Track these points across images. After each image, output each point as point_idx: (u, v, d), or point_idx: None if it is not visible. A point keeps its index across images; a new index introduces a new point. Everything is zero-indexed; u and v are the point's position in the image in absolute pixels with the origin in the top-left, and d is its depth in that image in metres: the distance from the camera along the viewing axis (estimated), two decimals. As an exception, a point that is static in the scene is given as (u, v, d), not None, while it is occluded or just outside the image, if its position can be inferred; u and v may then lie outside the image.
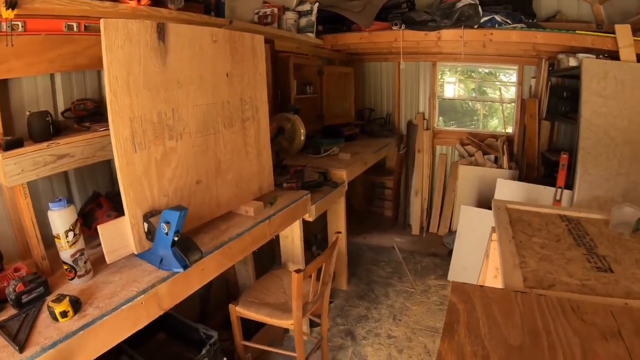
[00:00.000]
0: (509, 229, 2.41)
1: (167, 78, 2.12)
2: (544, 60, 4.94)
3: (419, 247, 5.32)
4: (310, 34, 4.28)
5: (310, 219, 3.21)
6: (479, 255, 4.13)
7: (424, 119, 5.76)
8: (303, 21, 4.22)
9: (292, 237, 3.19)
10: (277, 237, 3.15)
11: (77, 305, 1.71)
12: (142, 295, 1.86)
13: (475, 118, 6.20)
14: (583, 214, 2.83)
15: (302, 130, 3.82)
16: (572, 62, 4.03)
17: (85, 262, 1.94)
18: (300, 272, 2.41)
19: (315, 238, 4.47)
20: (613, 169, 3.50)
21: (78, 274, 1.91)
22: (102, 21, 1.80)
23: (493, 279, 2.69)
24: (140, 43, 1.96)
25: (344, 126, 5.03)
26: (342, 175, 3.70)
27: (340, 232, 3.02)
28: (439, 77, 5.80)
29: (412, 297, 4.17)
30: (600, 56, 3.84)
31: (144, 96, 2.01)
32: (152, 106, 2.06)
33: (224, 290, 3.50)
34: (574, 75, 4.02)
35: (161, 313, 1.97)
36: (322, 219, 3.61)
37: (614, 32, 3.70)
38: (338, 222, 4.03)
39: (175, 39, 2.13)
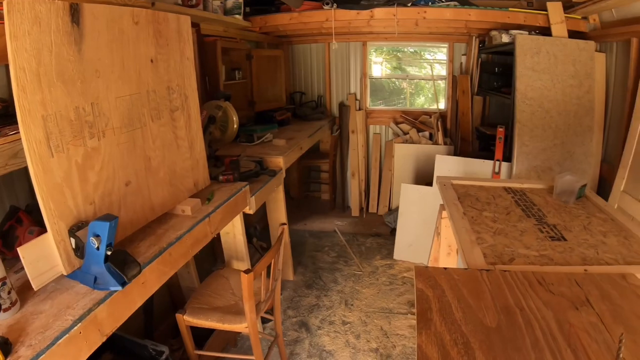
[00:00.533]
0: (458, 205, 2.39)
1: (83, 67, 1.82)
2: (474, 37, 5.01)
3: (361, 229, 5.28)
4: (237, 16, 4.05)
5: (251, 212, 3.02)
6: (422, 232, 4.21)
7: (356, 99, 5.72)
8: (229, 2, 3.96)
9: (234, 233, 2.99)
10: (218, 234, 2.95)
11: (6, 347, 1.38)
12: (79, 324, 1.55)
13: (402, 97, 6.24)
14: (527, 185, 2.87)
15: (235, 118, 3.64)
16: (505, 39, 4.11)
17: (9, 293, 1.57)
18: (250, 272, 2.24)
19: (255, 229, 4.30)
20: (549, 140, 3.60)
21: (3, 307, 1.57)
22: (5, 3, 1.53)
23: (446, 257, 2.67)
24: (51, 27, 1.65)
25: (275, 111, 4.84)
26: (279, 162, 3.54)
27: (285, 224, 2.88)
28: (369, 57, 5.78)
29: (361, 279, 4.14)
30: (532, 32, 3.94)
31: (58, 90, 1.70)
32: (69, 101, 1.75)
33: (167, 296, 3.28)
34: (506, 51, 4.11)
35: (104, 340, 1.68)
36: (260, 209, 3.45)
37: (545, 10, 3.80)
38: (278, 212, 3.89)
39: (91, 21, 1.85)
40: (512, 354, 1.21)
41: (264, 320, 3.27)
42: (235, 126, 3.66)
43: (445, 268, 1.63)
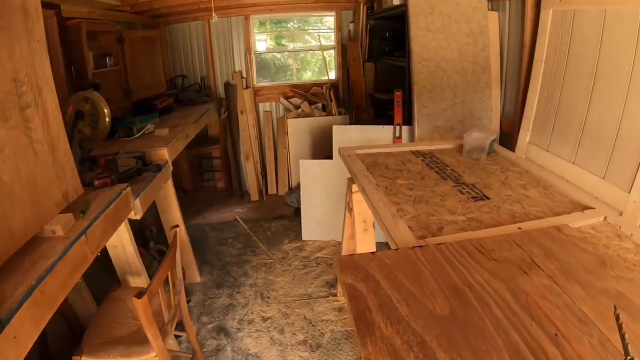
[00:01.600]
0: (369, 177, 2.20)
1: None
2: (362, 4, 4.87)
3: (263, 213, 4.99)
4: (104, -6, 3.53)
5: (138, 217, 2.56)
6: (329, 207, 4.02)
7: (242, 77, 5.37)
8: (94, -21, 3.44)
9: (122, 245, 2.52)
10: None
11: None
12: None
13: (289, 73, 6.03)
14: (435, 146, 2.79)
15: (106, 110, 3.10)
16: (396, 1, 3.95)
17: None
18: (143, 294, 1.82)
19: (151, 232, 3.86)
20: (449, 99, 3.54)
21: None
22: None
23: (363, 233, 2.49)
24: None
25: (156, 99, 4.35)
26: (164, 154, 3.11)
27: (177, 226, 2.47)
28: (253, 32, 5.43)
29: (273, 268, 3.85)
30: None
31: None
32: None
33: (63, 329, 2.75)
34: (396, 15, 3.98)
35: None
36: (152, 208, 3.03)
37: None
38: (171, 210, 3.44)
39: None
40: (477, 343, 1.03)
41: (178, 336, 2.88)
42: (107, 119, 3.12)
43: (373, 253, 1.40)
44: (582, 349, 1.02)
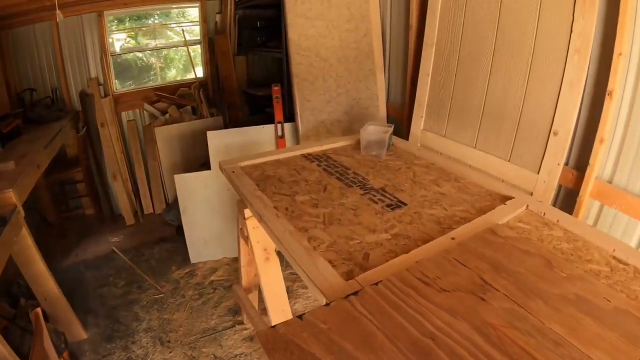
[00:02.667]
0: (262, 197, 1.88)
1: None
2: (229, -8, 4.51)
3: (143, 238, 4.40)
4: None
5: None
6: (215, 223, 3.68)
7: (99, 84, 4.68)
8: None
9: None
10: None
11: None
12: None
13: (152, 73, 5.45)
14: (327, 145, 2.55)
15: None
16: (267, -12, 3.68)
17: None
18: None
19: (19, 285, 3.18)
20: (332, 90, 3.33)
21: None
22: None
23: (265, 263, 2.13)
24: None
25: None
26: (10, 198, 2.45)
27: (39, 306, 1.96)
28: (109, 31, 4.78)
29: (165, 304, 3.33)
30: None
31: None
32: None
33: None
34: (270, 3, 3.74)
35: None
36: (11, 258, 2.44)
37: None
38: (33, 264, 2.76)
39: None
40: None
41: None
42: None
43: (301, 317, 1.08)
44: None
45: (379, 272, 1.29)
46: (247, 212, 2.08)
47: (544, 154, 2.21)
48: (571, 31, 2.04)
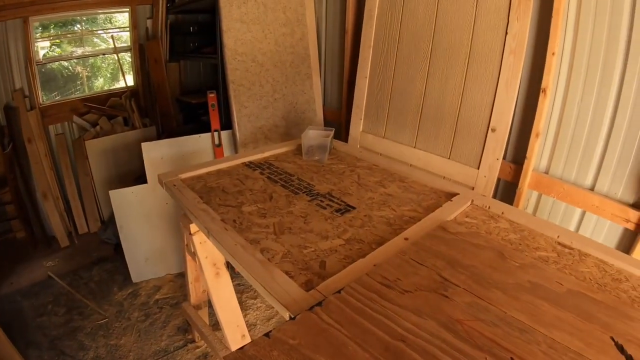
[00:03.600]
0: (208, 210, 1.80)
1: None
2: (160, -3, 4.36)
3: (79, 260, 4.13)
4: None
5: None
6: (155, 239, 3.56)
7: (25, 96, 4.38)
8: None
9: None
10: None
11: None
12: None
13: (79, 82, 5.13)
14: (267, 152, 2.52)
15: None
16: (201, -10, 3.59)
17: None
18: None
19: None
20: (269, 95, 3.28)
21: None
22: None
23: (216, 278, 2.06)
24: None
25: None
26: None
27: None
28: (35, 38, 4.47)
29: (111, 329, 3.11)
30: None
31: None
32: None
33: None
34: (203, 7, 3.69)
35: None
36: None
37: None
38: None
39: None
40: None
41: None
42: None
43: (267, 335, 1.03)
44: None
45: (339, 279, 1.27)
46: (193, 227, 2.00)
47: (482, 150, 2.30)
48: (506, 33, 2.14)
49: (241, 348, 0.98)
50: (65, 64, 5.01)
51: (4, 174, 4.16)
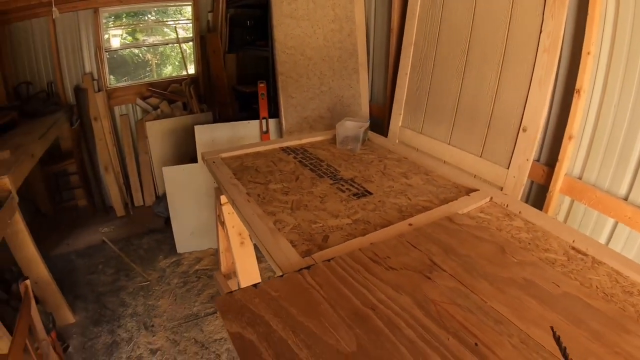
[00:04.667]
0: (238, 185, 1.96)
1: None
2: (221, -8, 4.59)
3: (132, 229, 4.52)
4: None
5: None
6: (201, 215, 3.77)
7: (93, 79, 4.77)
8: None
9: None
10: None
11: None
12: None
13: (148, 69, 5.54)
14: (305, 139, 2.63)
15: None
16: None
17: None
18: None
19: (12, 272, 3.26)
20: (316, 88, 3.42)
21: None
22: None
23: (240, 247, 2.23)
24: None
25: None
26: (5, 184, 2.57)
27: (27, 278, 2.06)
28: (105, 27, 4.86)
29: (151, 291, 3.45)
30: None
31: None
32: None
33: None
34: (259, 3, 3.85)
35: None
36: (5, 243, 2.54)
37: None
38: (25, 248, 2.87)
39: None
40: None
41: None
42: None
43: (255, 285, 1.17)
44: (505, 353, 0.98)
45: (334, 251, 1.36)
46: (224, 199, 2.18)
47: (513, 150, 2.28)
48: (540, 31, 2.11)
49: (230, 292, 1.11)
50: (136, 51, 5.37)
51: (71, 148, 4.53)
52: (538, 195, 2.40)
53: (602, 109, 2.01)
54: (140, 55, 5.44)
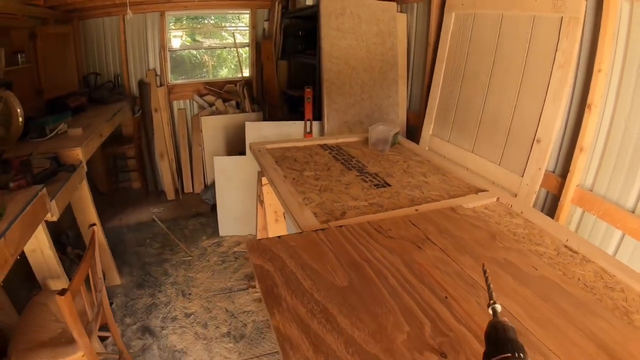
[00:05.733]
0: (278, 169, 2.27)
1: None
2: (277, 2, 4.91)
3: (180, 212, 4.97)
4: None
5: (54, 218, 2.47)
6: (244, 202, 4.07)
7: (156, 75, 5.26)
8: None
9: (41, 249, 2.47)
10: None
11: None
12: None
13: (204, 70, 6.00)
14: (342, 139, 2.89)
15: (19, 110, 2.94)
16: (309, 1, 4.07)
17: None
18: (65, 292, 1.78)
19: (67, 236, 3.72)
20: (357, 95, 3.69)
21: None
22: None
23: (275, 224, 2.56)
24: None
25: (68, 97, 4.17)
26: (78, 154, 3.02)
27: (94, 224, 2.43)
28: (168, 29, 5.34)
29: (192, 265, 3.82)
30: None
31: None
32: None
33: None
34: (310, 15, 4.08)
35: None
36: (66, 212, 2.93)
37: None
38: (87, 212, 3.31)
39: None
40: (374, 308, 1.13)
41: (103, 339, 2.79)
42: (20, 119, 2.99)
43: (279, 237, 1.47)
44: (469, 307, 1.14)
45: (347, 222, 1.63)
46: (264, 181, 2.49)
47: (527, 159, 2.44)
48: (556, 50, 2.30)
49: (259, 239, 1.43)
50: (195, 52, 5.83)
51: (132, 134, 5.01)
52: (552, 205, 2.49)
53: (614, 123, 2.12)
54: (198, 56, 5.89)
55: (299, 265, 1.31)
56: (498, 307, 0.89)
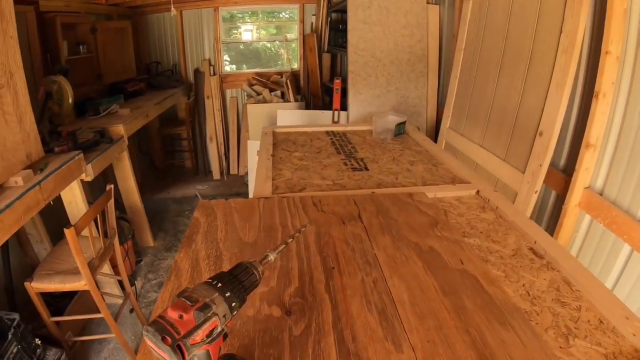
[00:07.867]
0: (269, 149, 2.40)
1: None
2: (323, -4, 5.05)
3: (222, 190, 5.40)
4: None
5: (89, 179, 3.01)
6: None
7: (210, 65, 5.68)
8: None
9: (76, 202, 3.01)
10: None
11: None
12: None
13: (279, 62, 6.28)
14: (351, 127, 2.96)
15: (70, 91, 3.46)
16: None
17: None
18: (70, 227, 2.21)
19: (117, 202, 4.18)
20: (383, 87, 3.74)
21: None
22: None
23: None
24: None
25: (127, 82, 4.68)
26: (120, 130, 3.50)
27: (112, 185, 2.78)
28: (222, 22, 5.74)
29: None
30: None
31: None
32: None
33: (29, 274, 3.15)
34: (344, 8, 4.10)
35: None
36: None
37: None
38: (126, 179, 3.81)
39: None
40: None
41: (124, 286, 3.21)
42: (70, 99, 3.50)
43: (226, 199, 1.62)
44: (351, 281, 1.13)
45: (295, 195, 1.72)
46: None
47: (529, 155, 2.24)
48: (561, 32, 2.05)
49: (209, 201, 1.61)
50: (241, 46, 6.23)
51: (185, 117, 5.44)
52: (559, 206, 2.20)
53: (627, 116, 1.81)
54: (273, 49, 6.27)
55: (225, 221, 1.45)
56: (271, 257, 0.82)
